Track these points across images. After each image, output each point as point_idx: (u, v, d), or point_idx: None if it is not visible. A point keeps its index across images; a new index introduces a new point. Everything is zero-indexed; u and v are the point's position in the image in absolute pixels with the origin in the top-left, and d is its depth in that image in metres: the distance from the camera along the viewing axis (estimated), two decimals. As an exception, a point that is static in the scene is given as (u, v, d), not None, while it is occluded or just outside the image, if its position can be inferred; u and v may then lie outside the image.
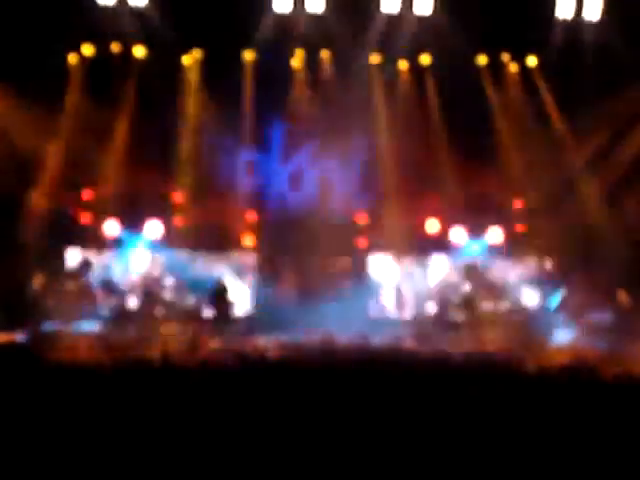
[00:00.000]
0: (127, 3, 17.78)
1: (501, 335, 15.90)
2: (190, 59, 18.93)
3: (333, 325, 16.82)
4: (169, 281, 18.31)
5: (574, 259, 18.12)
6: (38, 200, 18.32)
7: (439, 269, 19.20)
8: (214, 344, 14.56)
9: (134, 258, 18.99)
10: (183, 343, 13.66)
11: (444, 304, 18.00)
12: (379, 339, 14.22)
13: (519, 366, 11.03)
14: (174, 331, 15.95)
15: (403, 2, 17.76)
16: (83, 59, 18.60)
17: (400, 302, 18.87)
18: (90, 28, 17.80)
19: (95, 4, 17.55)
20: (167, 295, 18.05)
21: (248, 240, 19.07)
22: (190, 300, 17.87)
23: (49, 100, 17.58)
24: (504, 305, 18.13)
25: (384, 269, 19.22)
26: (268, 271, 18.89)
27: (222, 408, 7.53)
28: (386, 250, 18.97)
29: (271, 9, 17.80)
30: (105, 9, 17.68)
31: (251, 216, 19.13)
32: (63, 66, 18.47)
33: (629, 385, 9.19)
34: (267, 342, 14.17)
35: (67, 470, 5.91)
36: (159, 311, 17.40)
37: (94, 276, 18.26)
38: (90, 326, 16.61)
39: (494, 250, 19.31)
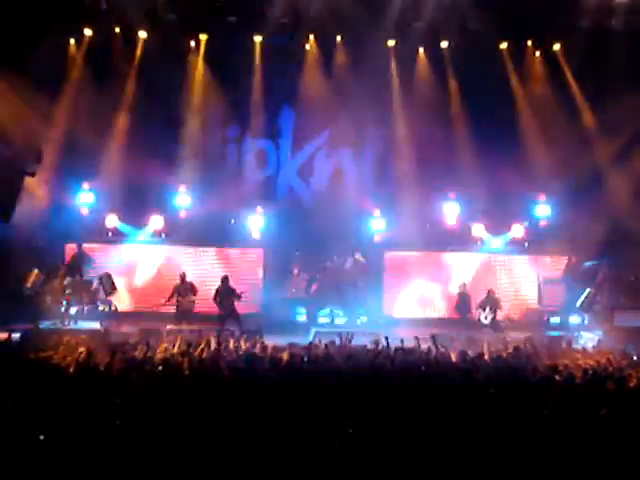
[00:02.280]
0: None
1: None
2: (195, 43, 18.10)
3: (345, 324, 16.17)
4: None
5: (601, 257, 17.23)
6: (35, 189, 17.53)
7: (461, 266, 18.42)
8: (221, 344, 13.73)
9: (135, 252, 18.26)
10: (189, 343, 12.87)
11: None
12: (393, 339, 13.35)
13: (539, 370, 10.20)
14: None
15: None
16: (83, 42, 17.73)
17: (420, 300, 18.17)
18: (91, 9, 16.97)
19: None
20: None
21: (256, 234, 18.11)
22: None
23: (48, 85, 16.67)
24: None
25: (400, 265, 18.35)
26: (277, 268, 18.01)
27: (226, 410, 7.07)
28: (403, 246, 18.02)
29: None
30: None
31: (259, 209, 18.17)
32: (63, 49, 17.64)
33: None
34: (276, 344, 13.30)
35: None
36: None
37: (94, 271, 17.41)
38: (89, 323, 15.90)
39: (516, 246, 18.40)
